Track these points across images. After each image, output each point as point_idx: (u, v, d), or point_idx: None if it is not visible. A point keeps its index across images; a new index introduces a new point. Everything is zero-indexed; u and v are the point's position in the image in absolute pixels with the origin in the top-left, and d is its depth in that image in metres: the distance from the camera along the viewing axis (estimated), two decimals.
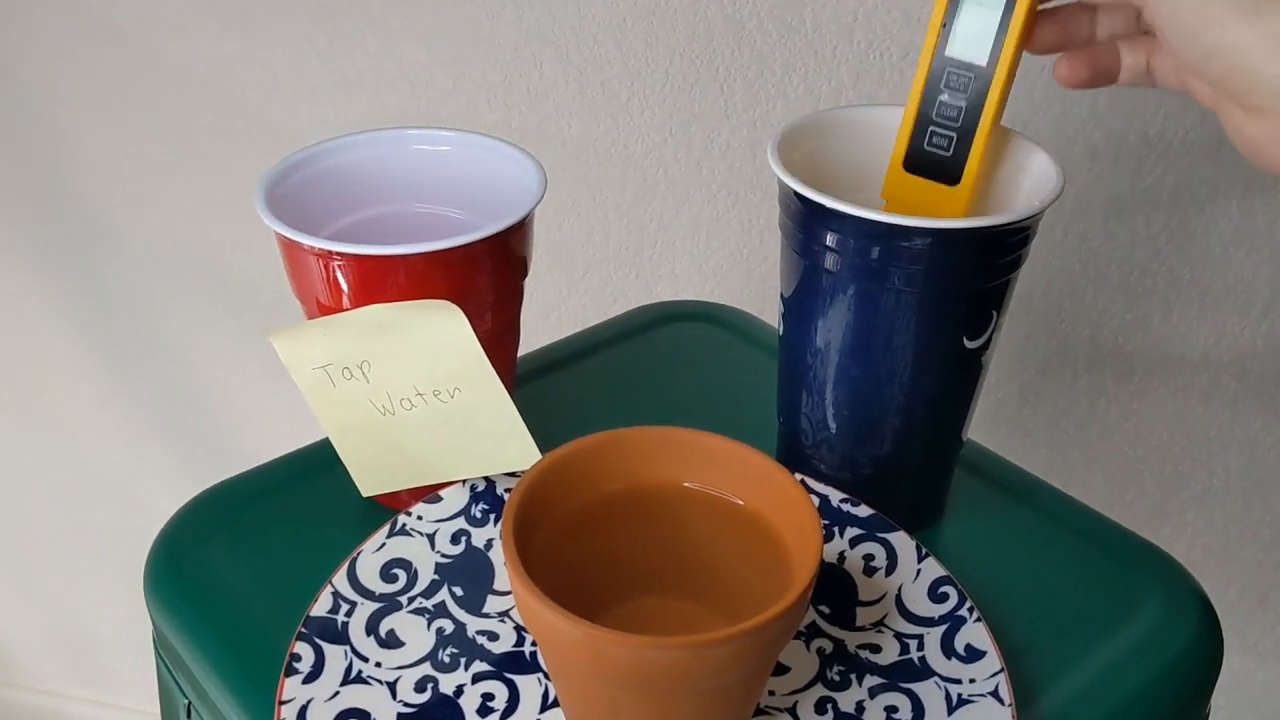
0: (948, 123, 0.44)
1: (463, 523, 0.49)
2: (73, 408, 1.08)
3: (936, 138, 0.45)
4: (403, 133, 0.52)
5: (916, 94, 0.45)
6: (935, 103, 0.45)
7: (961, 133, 0.44)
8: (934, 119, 0.44)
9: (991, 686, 0.42)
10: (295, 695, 0.41)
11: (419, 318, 0.45)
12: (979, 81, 0.44)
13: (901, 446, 0.49)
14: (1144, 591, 0.49)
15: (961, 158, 0.45)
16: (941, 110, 0.44)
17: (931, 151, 0.45)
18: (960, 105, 0.44)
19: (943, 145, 0.45)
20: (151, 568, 0.50)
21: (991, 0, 0.43)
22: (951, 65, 0.44)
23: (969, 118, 0.44)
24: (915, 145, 0.45)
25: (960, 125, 0.44)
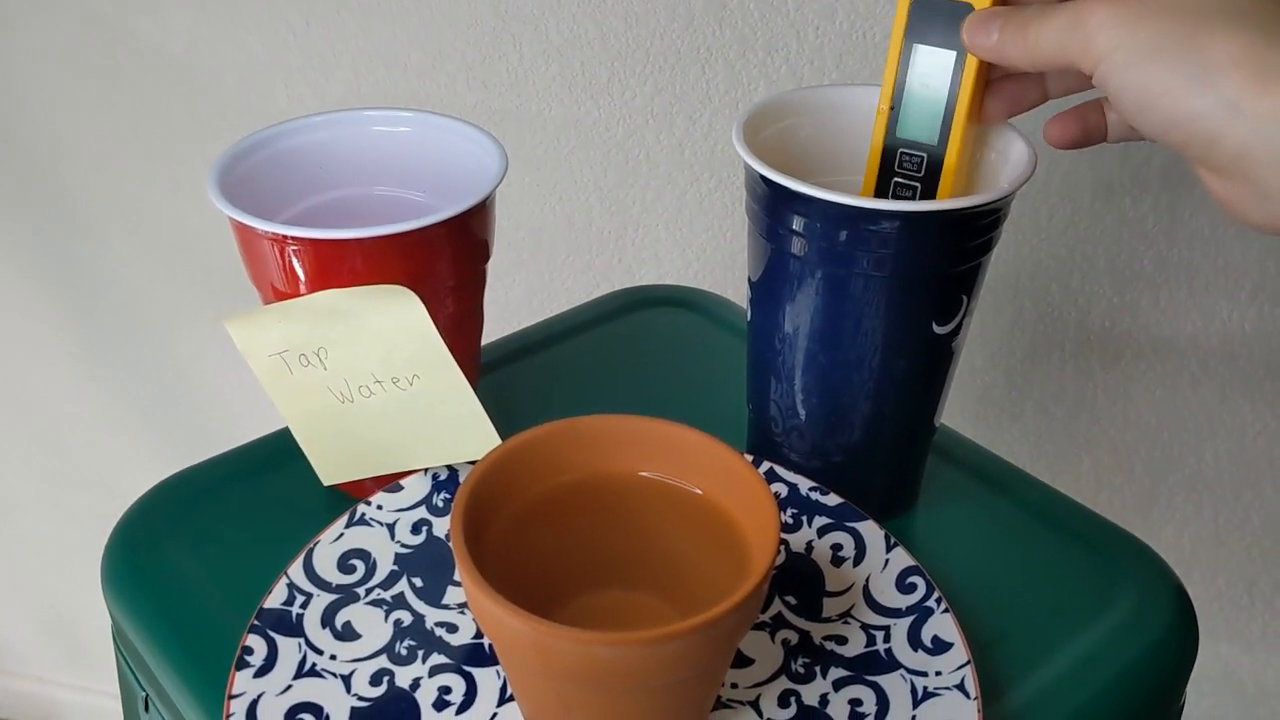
0: (911, 172, 0.45)
1: (424, 512, 0.48)
2: (54, 393, 1.07)
3: (899, 189, 0.45)
4: (360, 114, 0.51)
5: (871, 177, 0.45)
6: (890, 184, 0.45)
7: (925, 181, 0.45)
8: (897, 170, 0.45)
9: (958, 679, 0.41)
10: (246, 689, 0.41)
11: (374, 304, 0.44)
12: (932, 160, 0.44)
13: (872, 434, 0.48)
14: (1118, 581, 0.48)
15: None
16: (897, 191, 0.45)
17: None
18: (915, 185, 0.45)
19: (907, 196, 0.45)
20: (108, 560, 0.49)
21: (936, 83, 0.43)
22: (903, 145, 0.44)
23: (931, 166, 0.44)
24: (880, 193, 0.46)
25: (924, 174, 0.45)
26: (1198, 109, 0.35)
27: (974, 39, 0.41)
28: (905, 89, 0.43)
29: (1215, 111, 0.34)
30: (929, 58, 0.42)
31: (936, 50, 0.42)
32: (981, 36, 0.40)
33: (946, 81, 0.43)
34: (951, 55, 0.42)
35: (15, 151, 0.92)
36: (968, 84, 0.42)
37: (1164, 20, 0.35)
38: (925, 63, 0.43)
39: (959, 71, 0.42)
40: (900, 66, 0.43)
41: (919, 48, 0.42)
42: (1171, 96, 0.35)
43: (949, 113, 0.43)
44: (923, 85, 0.43)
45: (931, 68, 0.43)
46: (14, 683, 1.32)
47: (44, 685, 1.32)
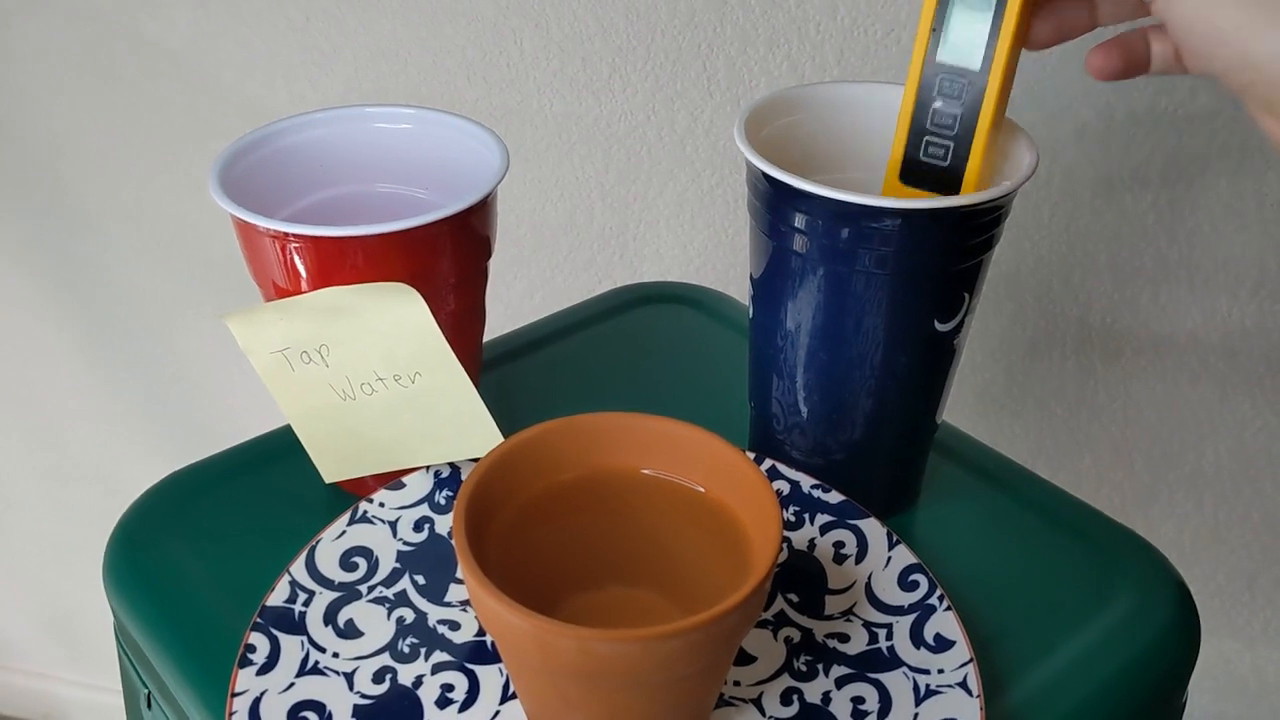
0: (943, 131, 0.42)
1: (426, 510, 0.48)
2: (54, 389, 1.07)
3: (932, 147, 0.43)
4: (362, 110, 0.51)
5: (909, 103, 0.43)
6: (929, 111, 0.42)
7: (958, 141, 0.42)
8: (928, 128, 0.42)
9: (960, 677, 0.41)
10: (249, 687, 0.41)
11: (375, 301, 0.44)
12: (973, 87, 0.42)
13: (873, 431, 0.48)
14: (1119, 578, 0.48)
15: (959, 167, 0.43)
16: (936, 119, 0.42)
17: (928, 162, 0.43)
18: (955, 113, 0.42)
19: (939, 155, 0.43)
20: (110, 558, 0.49)
21: (981, 2, 0.41)
22: (944, 71, 0.42)
23: (965, 125, 0.42)
24: (910, 156, 0.43)
25: (956, 133, 0.42)
26: (1274, 50, 0.32)
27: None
28: (949, 8, 0.41)
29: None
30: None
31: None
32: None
33: (992, 2, 0.40)
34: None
35: (15, 147, 0.92)
36: (1014, 4, 0.40)
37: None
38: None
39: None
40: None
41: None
42: (1245, 35, 0.32)
43: (994, 35, 0.40)
44: (967, 5, 0.41)
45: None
46: (14, 678, 1.33)
47: (44, 681, 1.32)
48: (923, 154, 0.43)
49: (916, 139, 0.43)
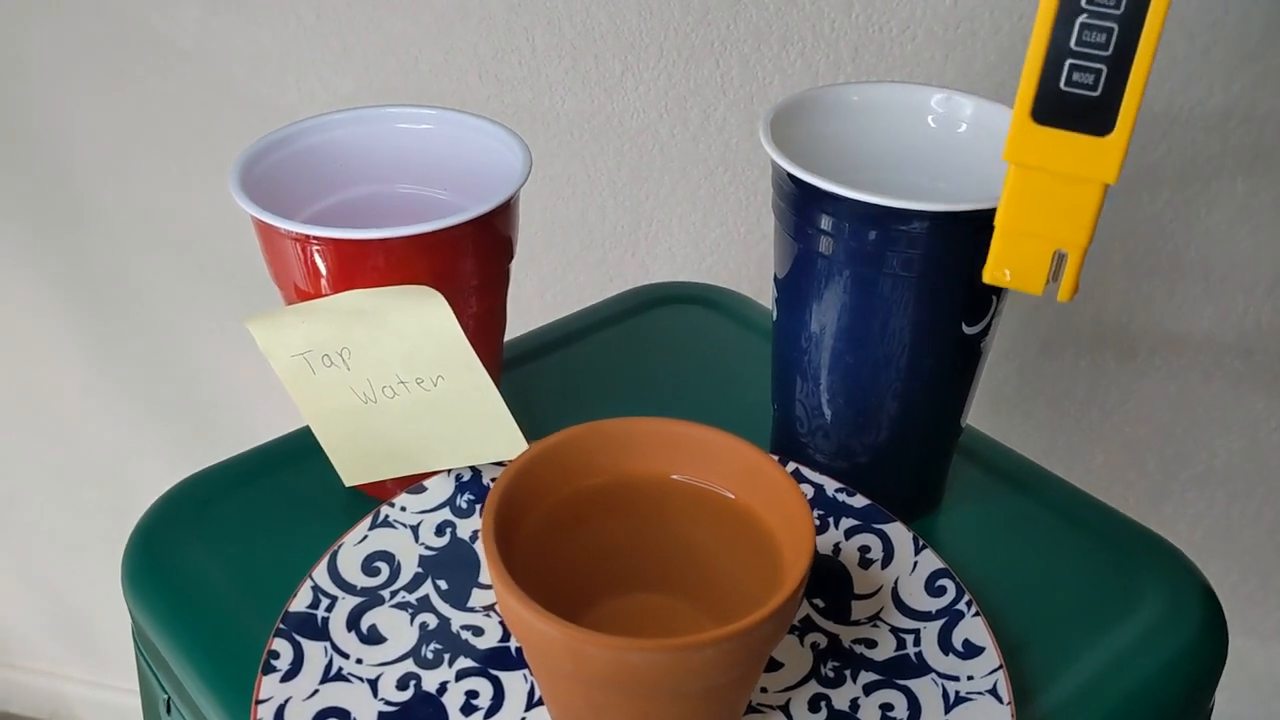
0: (1094, 51, 0.33)
1: (447, 514, 0.48)
2: (61, 387, 1.06)
3: (1079, 73, 0.33)
4: (384, 111, 0.50)
5: (1047, 17, 0.33)
6: (1074, 25, 0.33)
7: (1114, 63, 0.33)
8: (1073, 48, 0.33)
9: (990, 684, 0.41)
10: (273, 694, 0.40)
11: (399, 304, 0.43)
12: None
13: (898, 435, 0.47)
14: (1146, 583, 0.48)
15: (1115, 97, 0.33)
16: (1084, 36, 0.33)
17: (1072, 93, 0.33)
18: (1110, 26, 0.32)
19: (1088, 83, 0.33)
20: (128, 561, 0.48)
21: None
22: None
23: (1124, 39, 0.32)
24: (1048, 87, 0.33)
25: (1112, 52, 0.32)
26: None
27: None
28: None
29: None
30: None
31: None
32: None
33: None
34: None
35: (25, 146, 0.92)
36: None
37: None
38: None
39: None
40: None
41: None
42: None
43: None
44: None
45: None
46: (22, 676, 1.32)
47: (52, 679, 1.32)
48: (1065, 83, 0.33)
49: (1055, 64, 0.33)
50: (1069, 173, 0.34)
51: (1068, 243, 0.35)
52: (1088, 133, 0.34)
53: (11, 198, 0.95)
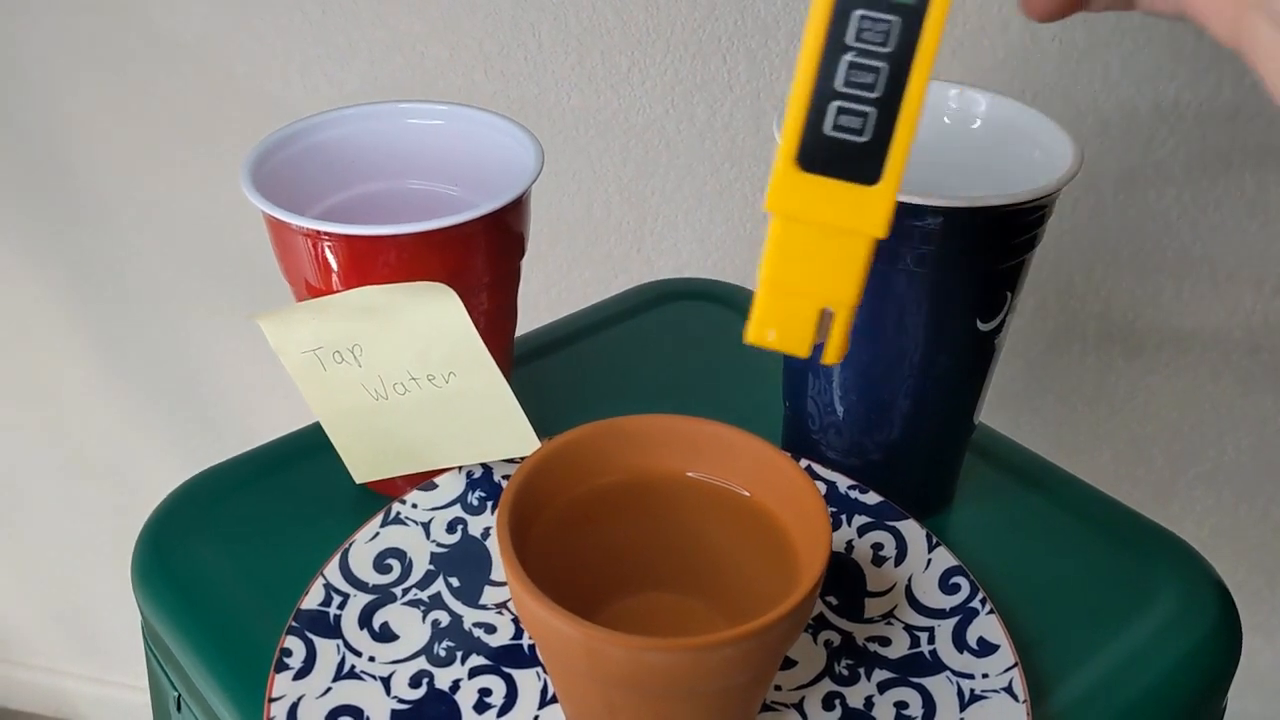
0: (860, 93, 0.30)
1: (459, 511, 0.48)
2: (64, 384, 1.06)
3: (845, 116, 0.30)
4: (395, 106, 0.50)
5: (810, 56, 0.30)
6: (839, 66, 0.30)
7: (883, 105, 0.30)
8: (839, 90, 0.30)
9: (1005, 682, 0.41)
10: (286, 692, 0.40)
11: (411, 300, 0.43)
12: (905, 26, 0.29)
13: (911, 432, 0.47)
14: (1160, 580, 0.48)
15: (883, 143, 0.30)
16: (851, 77, 0.30)
17: (839, 138, 0.30)
18: (878, 66, 0.30)
19: (854, 127, 0.30)
20: (138, 558, 0.48)
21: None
22: (864, 6, 0.29)
23: (892, 82, 0.30)
24: (813, 131, 0.30)
25: (880, 95, 0.30)
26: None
27: None
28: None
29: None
30: None
31: None
32: None
33: None
34: None
35: (27, 141, 0.91)
36: None
37: None
38: None
39: None
40: None
41: None
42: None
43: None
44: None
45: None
46: (25, 673, 1.32)
47: (55, 676, 1.32)
48: (832, 127, 0.30)
49: (820, 106, 0.30)
50: (836, 225, 0.31)
51: (834, 301, 0.32)
52: (855, 181, 0.31)
53: (14, 194, 0.95)
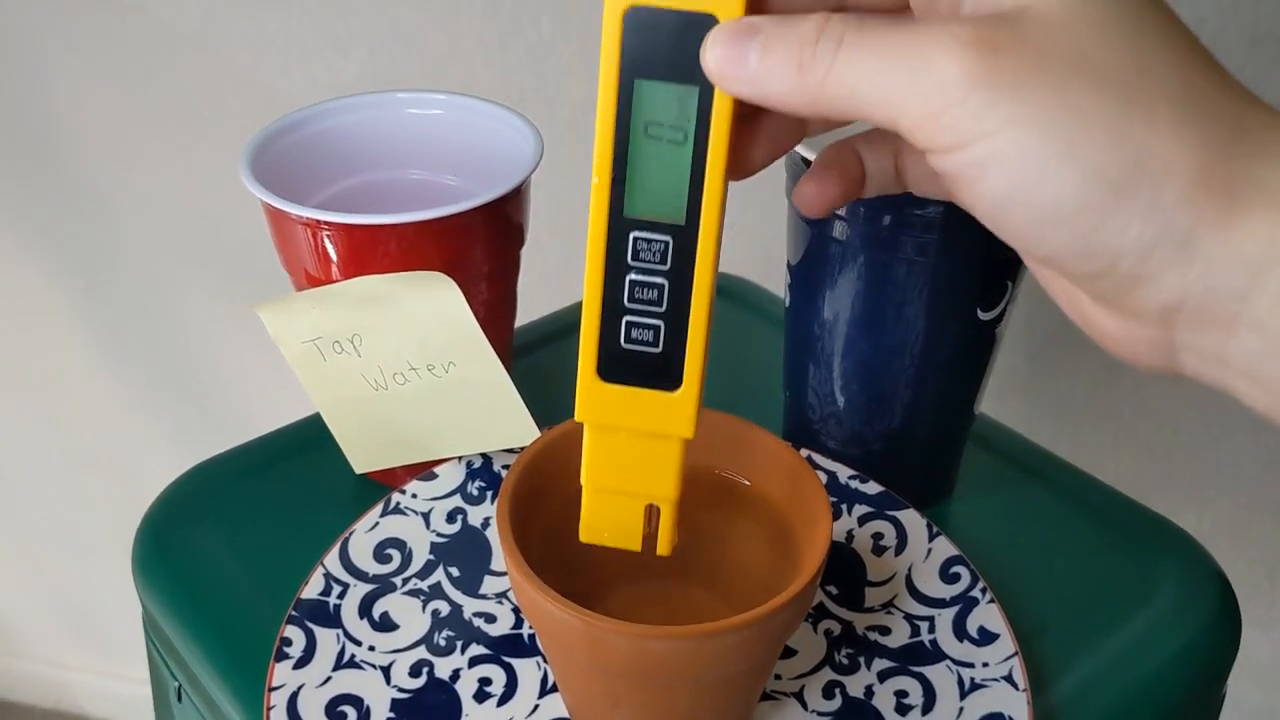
0: (648, 308, 0.31)
1: (458, 501, 0.47)
2: (65, 375, 1.06)
3: (637, 330, 0.31)
4: (394, 96, 0.50)
5: (595, 277, 0.31)
6: (624, 284, 0.31)
7: (670, 318, 0.31)
8: (627, 306, 0.31)
9: (1005, 670, 0.41)
10: (286, 681, 0.40)
11: (411, 289, 0.43)
12: (680, 244, 0.30)
13: (912, 421, 0.47)
14: (1160, 571, 0.48)
15: (677, 352, 0.31)
16: (636, 293, 0.31)
17: (635, 350, 0.31)
18: (660, 283, 0.30)
19: (648, 339, 0.31)
20: (139, 549, 0.48)
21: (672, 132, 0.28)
22: (637, 229, 0.30)
23: (676, 295, 0.30)
24: (609, 345, 0.31)
25: (666, 309, 0.31)
26: (1130, 239, 0.23)
27: (723, 67, 0.26)
28: (631, 148, 0.29)
29: (1155, 246, 0.23)
30: (660, 97, 0.28)
31: (670, 86, 0.28)
32: (734, 64, 0.26)
33: (689, 129, 0.28)
34: (693, 92, 0.28)
35: (25, 130, 0.91)
36: (721, 132, 0.28)
37: (1076, 86, 0.23)
38: (655, 105, 0.28)
39: (706, 112, 0.28)
40: (619, 113, 0.28)
41: (644, 85, 0.28)
42: (1091, 217, 0.23)
43: (698, 173, 0.29)
44: (654, 141, 0.28)
45: (665, 111, 0.28)
46: (25, 665, 1.32)
47: (55, 668, 1.32)
48: (625, 340, 0.31)
49: (613, 322, 0.31)
50: (645, 430, 0.32)
51: (657, 497, 0.33)
52: (657, 388, 0.32)
53: (13, 184, 0.95)
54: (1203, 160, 0.23)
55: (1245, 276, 0.23)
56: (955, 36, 0.24)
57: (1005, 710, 0.39)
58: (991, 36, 0.23)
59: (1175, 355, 0.25)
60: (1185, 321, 0.24)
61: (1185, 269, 0.23)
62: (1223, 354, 0.24)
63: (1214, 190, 0.23)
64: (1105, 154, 0.23)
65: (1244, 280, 0.23)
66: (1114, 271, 0.24)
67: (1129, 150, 0.23)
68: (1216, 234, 0.23)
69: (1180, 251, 0.23)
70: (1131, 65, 0.23)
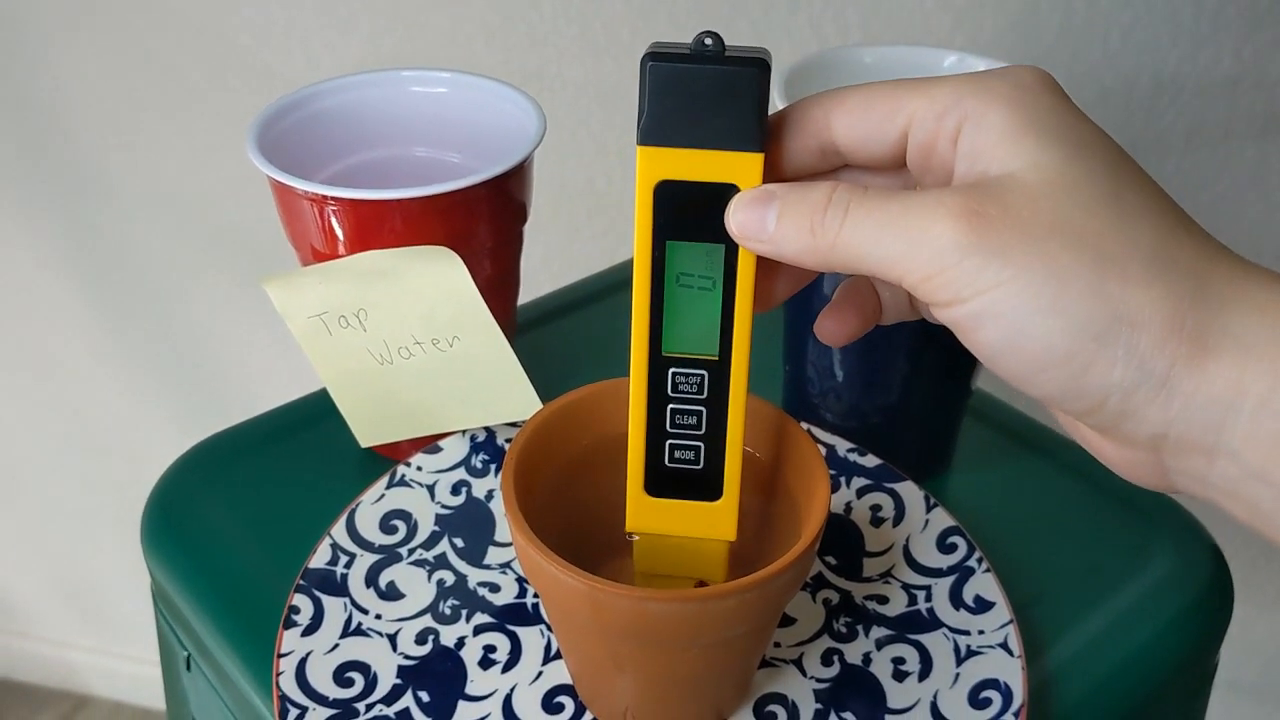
0: (688, 432, 0.35)
1: (463, 473, 0.48)
2: (68, 356, 1.07)
3: (680, 451, 0.35)
4: (398, 74, 0.51)
5: (639, 407, 0.35)
6: (665, 412, 0.35)
7: (709, 439, 0.35)
8: (669, 430, 0.35)
9: (1001, 638, 0.42)
10: (294, 648, 0.41)
11: (416, 264, 0.44)
12: (714, 376, 0.34)
13: (910, 395, 0.48)
14: (1155, 541, 0.48)
15: (717, 468, 0.35)
16: (677, 419, 0.35)
17: (678, 468, 0.36)
18: (698, 410, 0.35)
19: (690, 459, 0.35)
20: (148, 520, 0.49)
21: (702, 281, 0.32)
22: (675, 365, 0.34)
23: (713, 420, 0.35)
24: (654, 465, 0.36)
25: (705, 432, 0.35)
26: (1114, 382, 0.26)
27: (745, 230, 0.30)
28: (666, 298, 0.33)
29: (1137, 387, 0.26)
30: (690, 254, 0.32)
31: (698, 245, 0.32)
32: (755, 228, 0.30)
33: (718, 278, 0.32)
34: (719, 249, 0.32)
35: (28, 110, 0.92)
36: (746, 279, 0.32)
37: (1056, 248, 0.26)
38: (686, 260, 0.32)
39: (732, 263, 0.32)
40: (654, 267, 0.32)
41: (675, 245, 0.32)
42: (1077, 363, 0.26)
43: (727, 315, 0.33)
44: (686, 289, 0.33)
45: (694, 264, 0.32)
46: (30, 645, 1.33)
47: (60, 648, 1.33)
48: (669, 460, 0.35)
49: (657, 445, 0.35)
50: (692, 535, 0.37)
51: (706, 577, 0.38)
52: (700, 499, 0.36)
53: (15, 166, 0.95)
54: (1173, 311, 0.26)
55: (1219, 412, 0.26)
56: (948, 209, 0.27)
57: (1000, 676, 0.40)
58: (979, 207, 0.27)
59: (1167, 476, 0.28)
60: (1171, 449, 0.27)
61: (1166, 405, 0.26)
62: (1206, 477, 0.27)
63: (1185, 337, 0.26)
64: (1086, 308, 0.26)
65: (1219, 415, 0.26)
66: (1104, 408, 0.27)
67: (1106, 304, 0.26)
68: (1191, 375, 0.26)
69: (1160, 390, 0.26)
70: (1106, 227, 0.26)
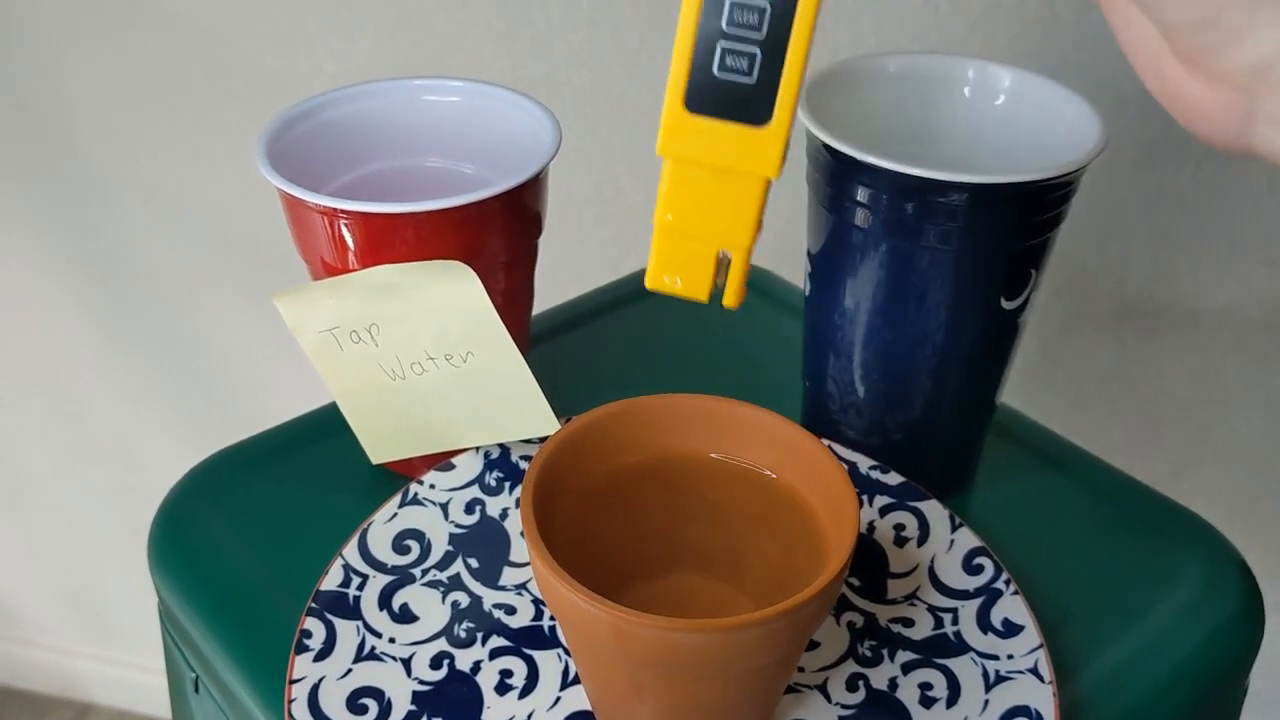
0: (746, 32, 0.29)
1: (477, 491, 0.47)
2: (73, 364, 1.06)
3: (732, 58, 0.30)
4: (410, 83, 0.50)
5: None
6: (724, 6, 0.29)
7: (769, 45, 0.29)
8: (724, 30, 0.29)
9: (1031, 663, 0.40)
10: (306, 673, 0.40)
11: (429, 279, 0.43)
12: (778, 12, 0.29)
13: (933, 411, 0.47)
14: (1183, 561, 0.47)
15: (771, 83, 0.30)
16: (735, 15, 0.29)
17: (726, 79, 0.30)
18: (761, 6, 0.29)
19: (742, 68, 0.30)
20: (155, 539, 0.48)
21: None
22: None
23: (779, 20, 0.29)
24: (700, 73, 0.30)
25: (766, 34, 0.29)
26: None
27: None
28: None
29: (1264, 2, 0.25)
30: None
31: None
32: None
33: None
34: None
35: (31, 117, 0.91)
36: None
37: None
38: None
39: None
40: None
41: None
42: None
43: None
44: None
45: None
46: (33, 652, 1.32)
47: (63, 656, 1.32)
48: (718, 67, 0.30)
49: (707, 47, 0.30)
50: (728, 166, 0.31)
51: (731, 244, 0.33)
52: (745, 122, 0.30)
53: (20, 174, 0.94)
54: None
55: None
56: None
57: (1031, 703, 0.39)
58: None
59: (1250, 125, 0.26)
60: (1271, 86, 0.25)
61: None
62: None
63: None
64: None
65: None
66: (1217, 21, 0.25)
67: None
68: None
69: None
70: None
